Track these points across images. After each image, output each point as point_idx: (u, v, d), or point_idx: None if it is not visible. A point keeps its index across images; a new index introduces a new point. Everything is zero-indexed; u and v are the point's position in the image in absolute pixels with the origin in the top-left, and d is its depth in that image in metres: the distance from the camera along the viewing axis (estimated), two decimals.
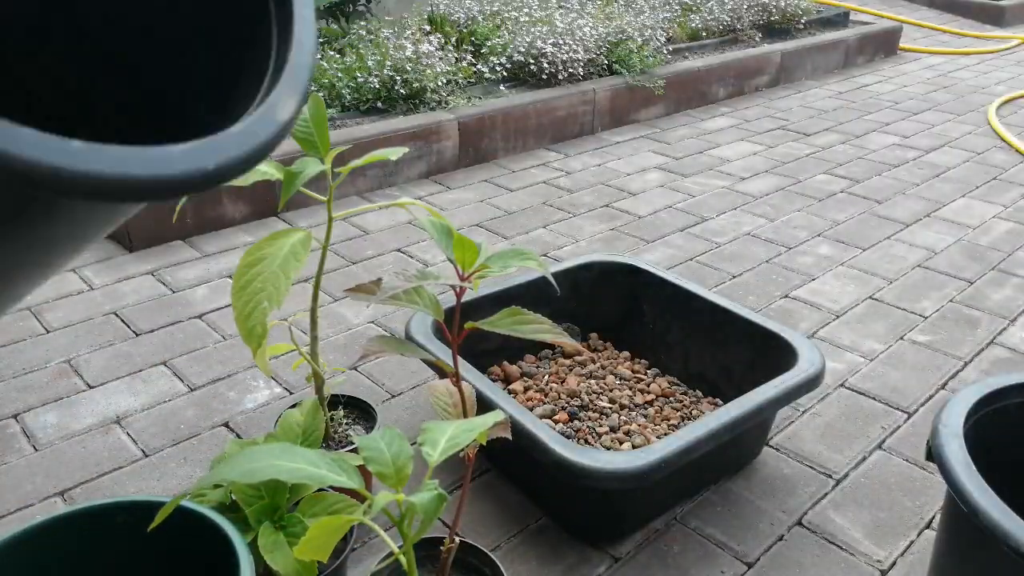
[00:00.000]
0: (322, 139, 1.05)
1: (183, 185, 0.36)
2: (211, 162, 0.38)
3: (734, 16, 3.98)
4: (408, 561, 0.78)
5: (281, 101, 0.43)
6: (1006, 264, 2.18)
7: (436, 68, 2.79)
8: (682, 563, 1.20)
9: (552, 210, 2.46)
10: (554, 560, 1.20)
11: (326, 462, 0.70)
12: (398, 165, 2.61)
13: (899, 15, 5.27)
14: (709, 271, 2.10)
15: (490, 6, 3.49)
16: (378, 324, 1.83)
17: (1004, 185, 2.74)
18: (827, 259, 2.18)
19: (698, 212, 2.47)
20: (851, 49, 4.29)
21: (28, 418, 1.48)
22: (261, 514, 0.97)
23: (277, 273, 0.95)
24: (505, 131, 2.86)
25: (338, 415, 1.26)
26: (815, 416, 1.54)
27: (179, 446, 1.43)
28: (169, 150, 0.36)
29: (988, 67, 4.41)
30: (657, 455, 1.10)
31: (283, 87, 0.44)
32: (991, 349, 1.78)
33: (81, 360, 1.66)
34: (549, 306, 1.59)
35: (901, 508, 1.32)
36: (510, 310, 0.89)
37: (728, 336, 1.48)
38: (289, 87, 0.45)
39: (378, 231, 2.29)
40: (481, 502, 1.31)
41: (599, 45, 3.21)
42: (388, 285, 0.83)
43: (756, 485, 1.36)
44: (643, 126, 3.28)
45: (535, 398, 1.49)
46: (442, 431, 0.78)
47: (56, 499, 1.31)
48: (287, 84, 0.45)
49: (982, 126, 3.36)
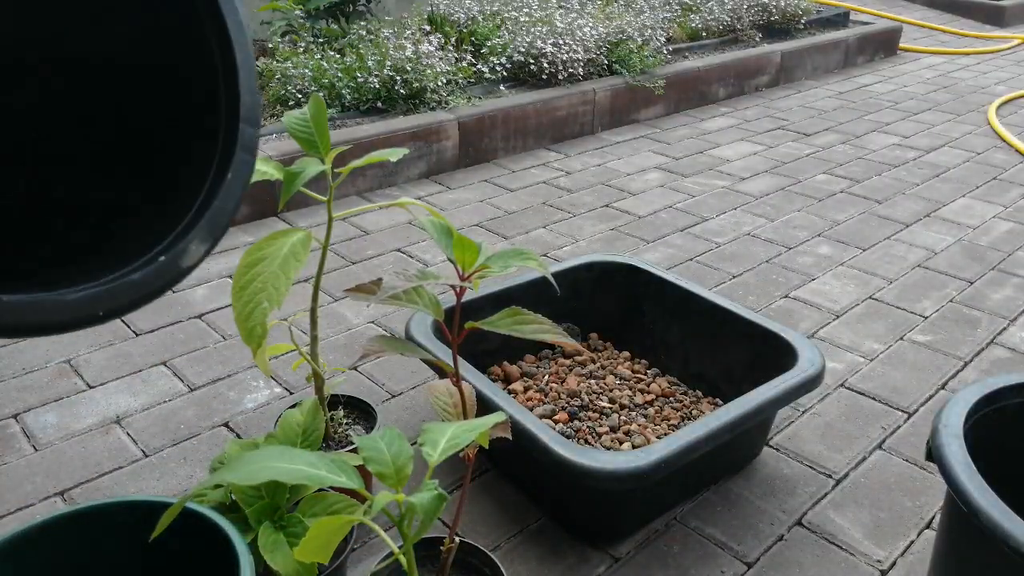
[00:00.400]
0: (322, 139, 1.05)
1: (73, 326, 0.41)
2: (100, 309, 0.42)
3: (734, 16, 3.98)
4: (408, 561, 0.78)
5: (191, 248, 0.45)
6: (1006, 264, 2.18)
7: (436, 68, 2.78)
8: (682, 563, 1.20)
9: (552, 210, 2.46)
10: (554, 560, 1.20)
11: (326, 463, 0.70)
12: (398, 165, 2.61)
13: (899, 15, 5.27)
14: (709, 271, 2.10)
15: (490, 6, 3.49)
16: (378, 324, 1.83)
17: (1004, 185, 2.74)
18: (827, 259, 2.18)
19: (698, 212, 2.47)
20: (851, 49, 4.29)
21: (28, 418, 1.48)
22: (261, 514, 0.97)
23: (277, 273, 0.95)
24: (505, 131, 2.86)
25: (338, 415, 1.26)
26: (815, 416, 1.54)
27: (179, 446, 1.43)
28: (62, 298, 0.40)
29: (988, 67, 4.41)
30: (657, 455, 1.10)
31: (199, 232, 0.46)
32: (991, 349, 1.78)
33: (81, 360, 1.66)
34: (549, 306, 1.58)
35: (901, 508, 1.32)
36: (510, 310, 0.89)
37: (728, 336, 1.48)
38: (205, 233, 0.46)
39: (378, 231, 2.29)
40: (481, 502, 1.31)
41: (599, 45, 3.21)
42: (388, 285, 0.83)
43: (756, 485, 1.36)
44: (643, 126, 3.28)
45: (535, 398, 1.49)
46: (442, 431, 0.78)
47: (56, 499, 1.31)
48: (204, 230, 0.46)
49: (982, 126, 3.36)
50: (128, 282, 0.43)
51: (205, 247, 0.46)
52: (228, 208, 0.47)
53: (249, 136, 0.49)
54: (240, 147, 0.49)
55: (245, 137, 0.49)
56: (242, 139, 0.49)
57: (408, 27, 3.04)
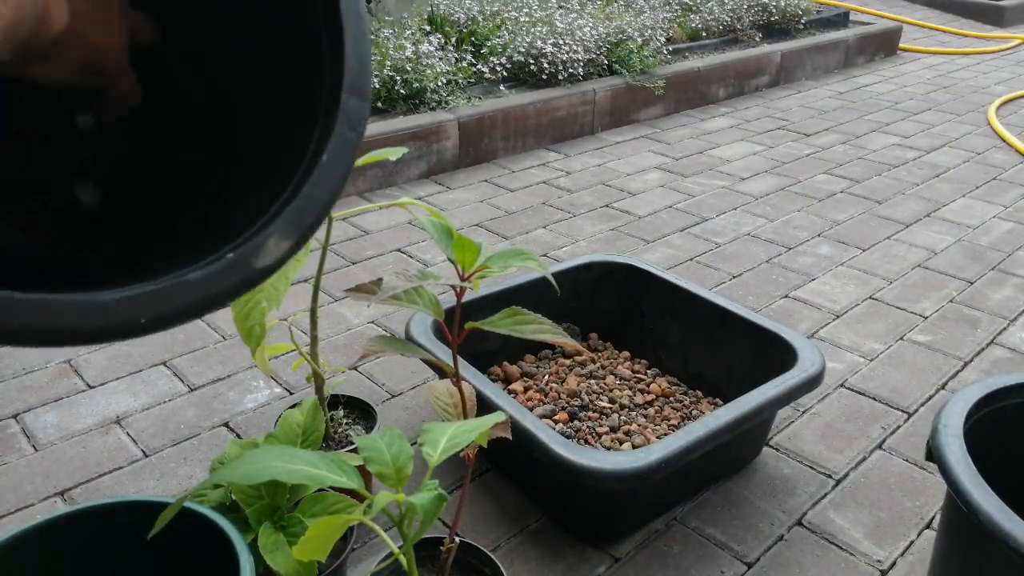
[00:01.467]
0: None
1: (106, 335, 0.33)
2: (144, 315, 0.33)
3: (734, 16, 3.98)
4: (408, 561, 0.78)
5: (268, 244, 0.37)
6: (1006, 264, 2.18)
7: (436, 68, 2.78)
8: (682, 563, 1.20)
9: (552, 210, 2.46)
10: (554, 560, 1.20)
11: (326, 462, 0.70)
12: (398, 165, 2.61)
13: (899, 15, 5.27)
14: (709, 271, 2.10)
15: (490, 6, 3.49)
16: (378, 324, 1.83)
17: (1004, 185, 2.73)
18: (827, 259, 2.18)
19: (698, 212, 2.47)
20: (851, 49, 4.29)
21: (28, 418, 1.48)
22: (261, 514, 0.96)
23: (276, 273, 0.95)
24: (505, 131, 2.86)
25: (338, 415, 1.25)
26: (815, 416, 1.54)
27: (179, 446, 1.43)
28: (93, 299, 0.32)
29: (988, 67, 4.41)
30: (657, 455, 1.10)
31: (280, 225, 0.38)
32: (991, 349, 1.78)
33: (81, 360, 1.66)
34: (549, 306, 1.58)
35: (901, 508, 1.32)
36: (510, 310, 0.89)
37: (728, 336, 1.48)
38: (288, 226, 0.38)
39: (378, 231, 2.29)
40: (481, 502, 1.31)
41: (599, 45, 3.21)
42: (388, 285, 0.83)
43: (756, 485, 1.36)
44: (643, 126, 3.27)
45: (535, 398, 1.49)
46: (442, 431, 0.78)
47: (56, 499, 1.31)
48: (287, 222, 0.38)
49: (982, 126, 3.36)
50: (183, 282, 0.34)
51: (288, 243, 0.38)
52: (320, 197, 0.38)
53: (354, 109, 0.41)
54: (341, 122, 0.40)
55: (348, 109, 0.41)
56: (344, 112, 0.40)
57: (408, 27, 3.04)
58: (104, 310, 0.32)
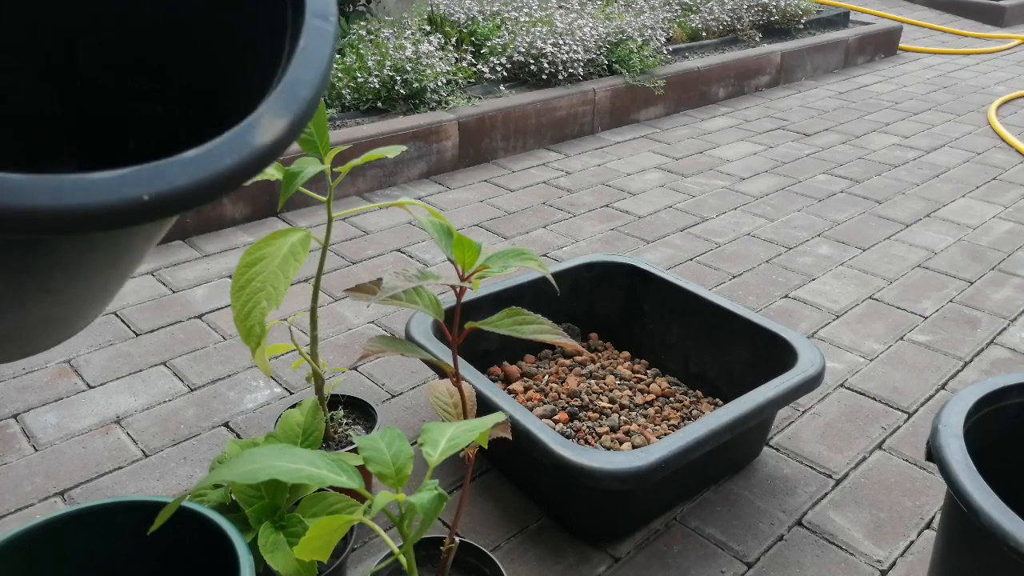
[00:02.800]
0: (322, 139, 1.05)
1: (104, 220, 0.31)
2: (145, 191, 0.32)
3: (734, 16, 3.98)
4: (408, 561, 0.78)
5: (263, 122, 0.37)
6: (1006, 264, 2.18)
7: (436, 68, 2.78)
8: (682, 563, 1.20)
9: (552, 210, 2.46)
10: (554, 560, 1.20)
11: (326, 462, 0.70)
12: (398, 165, 2.61)
13: (899, 15, 5.27)
14: (709, 271, 2.10)
15: (490, 6, 3.49)
16: (378, 324, 1.83)
17: (1004, 185, 2.74)
18: (827, 259, 2.18)
19: (698, 212, 2.47)
20: (851, 49, 4.29)
21: (28, 418, 1.48)
22: (261, 514, 0.97)
23: (276, 273, 0.95)
24: (505, 131, 2.86)
25: (338, 415, 1.26)
26: (815, 416, 1.54)
27: (179, 446, 1.43)
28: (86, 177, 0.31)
29: (988, 67, 4.41)
30: (657, 455, 1.10)
31: (272, 104, 0.39)
32: (991, 349, 1.78)
33: (81, 360, 1.66)
34: (549, 306, 1.59)
35: (901, 508, 1.32)
36: (510, 310, 0.89)
37: (728, 336, 1.48)
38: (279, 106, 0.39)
39: (378, 231, 2.29)
40: (481, 502, 1.31)
41: (599, 45, 3.21)
42: (388, 285, 0.83)
43: (756, 485, 1.36)
44: (643, 126, 3.27)
45: (535, 398, 1.49)
46: (442, 431, 0.78)
47: (56, 499, 1.31)
48: (278, 102, 0.39)
49: (982, 126, 3.36)
50: (179, 160, 0.34)
51: (283, 122, 0.38)
52: (306, 78, 0.40)
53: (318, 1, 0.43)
54: (311, 14, 0.43)
55: (313, 2, 0.43)
56: (311, 5, 0.43)
57: (408, 27, 3.04)
58: (102, 187, 0.31)
